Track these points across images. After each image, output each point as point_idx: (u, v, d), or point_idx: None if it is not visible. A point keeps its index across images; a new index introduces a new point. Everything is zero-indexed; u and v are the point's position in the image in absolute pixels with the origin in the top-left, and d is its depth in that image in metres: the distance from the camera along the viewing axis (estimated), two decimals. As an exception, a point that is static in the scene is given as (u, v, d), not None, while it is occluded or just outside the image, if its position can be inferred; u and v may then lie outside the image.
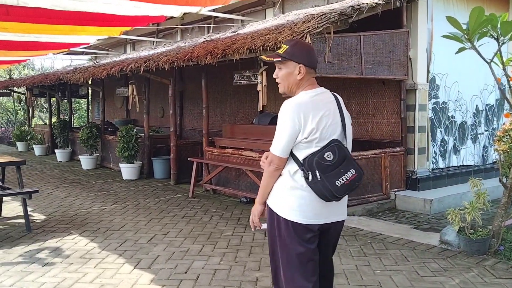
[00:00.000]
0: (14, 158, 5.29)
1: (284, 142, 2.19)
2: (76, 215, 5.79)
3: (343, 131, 2.28)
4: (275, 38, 4.83)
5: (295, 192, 2.21)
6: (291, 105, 2.19)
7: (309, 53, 2.30)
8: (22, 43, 9.00)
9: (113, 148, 9.89)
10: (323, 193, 2.15)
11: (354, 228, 5.20)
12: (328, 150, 2.16)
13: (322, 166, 2.14)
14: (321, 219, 2.24)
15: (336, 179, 2.15)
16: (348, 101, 7.52)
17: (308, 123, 2.15)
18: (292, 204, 2.21)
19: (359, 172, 2.25)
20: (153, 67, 6.99)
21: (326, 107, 2.23)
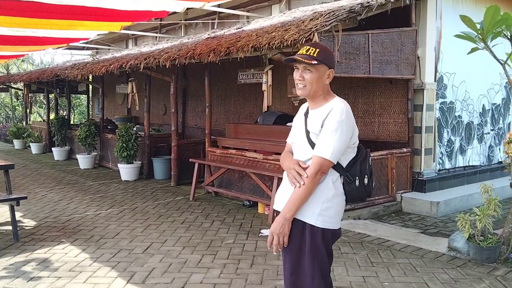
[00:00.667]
0: (2, 162, 5.06)
1: (340, 146, 2.11)
2: (69, 221, 5.56)
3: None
4: (281, 36, 4.60)
5: (336, 200, 2.18)
6: (347, 109, 2.18)
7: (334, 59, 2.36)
8: (19, 38, 8.76)
9: (112, 147, 9.67)
10: (362, 196, 2.20)
11: (360, 234, 5.00)
12: (368, 154, 2.26)
13: (370, 171, 2.24)
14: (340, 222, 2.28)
15: (373, 181, 2.29)
16: (354, 100, 7.30)
17: (356, 128, 2.21)
18: (332, 212, 2.16)
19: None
20: (153, 64, 6.76)
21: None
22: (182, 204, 6.45)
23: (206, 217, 5.70)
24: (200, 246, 4.58)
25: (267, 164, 6.08)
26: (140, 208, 6.23)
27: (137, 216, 5.78)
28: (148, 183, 8.20)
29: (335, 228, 2.19)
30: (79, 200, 6.75)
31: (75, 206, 6.39)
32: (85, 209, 6.21)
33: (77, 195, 7.12)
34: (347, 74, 5.81)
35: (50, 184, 8.12)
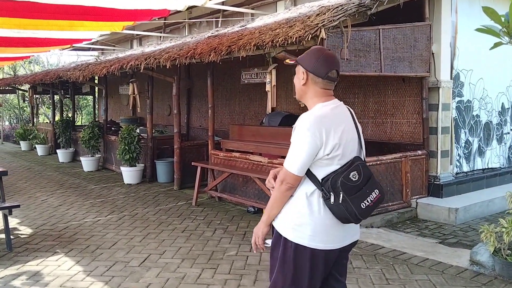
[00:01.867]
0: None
1: (303, 158, 1.99)
2: (66, 229, 5.31)
3: (360, 147, 2.14)
4: (285, 33, 4.28)
5: (312, 217, 2.02)
6: (312, 118, 2.02)
7: (317, 60, 2.09)
8: (20, 39, 8.59)
9: (115, 149, 9.43)
10: (346, 216, 1.98)
11: (373, 245, 4.65)
12: (353, 170, 1.99)
13: (347, 187, 1.97)
14: (337, 243, 2.08)
15: (361, 201, 1.99)
16: (365, 99, 6.95)
17: (330, 138, 1.99)
18: (308, 229, 2.02)
19: (382, 192, 2.10)
20: (154, 65, 6.48)
21: (345, 121, 2.09)
22: (184, 210, 6.17)
23: (208, 225, 5.40)
24: (201, 258, 4.29)
25: (272, 168, 5.75)
26: (141, 215, 5.96)
27: (137, 224, 5.51)
28: (150, 186, 7.94)
29: (318, 248, 2.02)
30: (79, 206, 6.51)
31: (74, 212, 6.15)
32: (84, 215, 5.97)
33: (77, 200, 6.89)
34: (357, 73, 5.46)
35: (52, 187, 7.91)
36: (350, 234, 2.13)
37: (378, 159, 5.69)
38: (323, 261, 2.05)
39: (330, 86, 2.13)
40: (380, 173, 5.72)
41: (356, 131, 2.13)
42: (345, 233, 2.09)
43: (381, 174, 5.74)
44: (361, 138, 2.16)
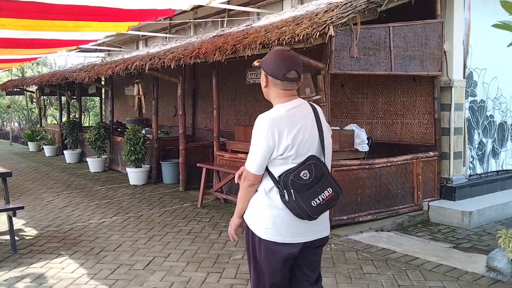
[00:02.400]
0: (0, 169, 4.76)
1: (259, 158, 2.09)
2: (71, 230, 5.23)
3: (321, 145, 2.15)
4: (292, 31, 4.15)
5: (271, 211, 2.12)
6: (265, 120, 2.09)
7: (275, 63, 2.13)
8: (26, 41, 8.57)
9: (121, 150, 9.36)
10: (298, 213, 2.06)
11: (384, 249, 4.50)
12: (304, 169, 2.05)
13: (297, 186, 2.04)
14: (299, 238, 2.13)
15: (312, 199, 2.05)
16: (374, 100, 6.79)
17: (283, 139, 2.05)
18: (268, 223, 2.12)
19: (337, 190, 2.11)
20: (159, 65, 6.39)
21: (303, 121, 2.11)
22: (189, 212, 6.06)
23: (214, 227, 5.28)
24: (206, 262, 4.17)
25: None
26: (146, 216, 5.86)
27: (142, 226, 5.41)
28: (156, 187, 7.85)
29: (270, 239, 2.12)
30: (84, 207, 6.44)
31: (80, 213, 6.07)
32: (89, 216, 5.89)
33: (83, 201, 6.82)
34: (366, 72, 5.32)
35: (58, 188, 7.86)
36: (316, 230, 2.17)
37: (388, 161, 5.53)
38: (282, 254, 2.11)
39: (291, 87, 2.16)
40: (391, 175, 5.57)
41: (318, 130, 2.14)
42: (308, 228, 2.13)
43: (392, 176, 5.58)
44: (324, 137, 2.16)
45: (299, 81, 2.17)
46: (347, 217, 5.18)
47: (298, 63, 2.16)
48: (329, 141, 2.21)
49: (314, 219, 2.09)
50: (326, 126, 2.21)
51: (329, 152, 2.19)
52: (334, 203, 2.12)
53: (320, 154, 2.12)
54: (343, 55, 5.03)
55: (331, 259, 4.21)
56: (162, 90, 9.20)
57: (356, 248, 4.50)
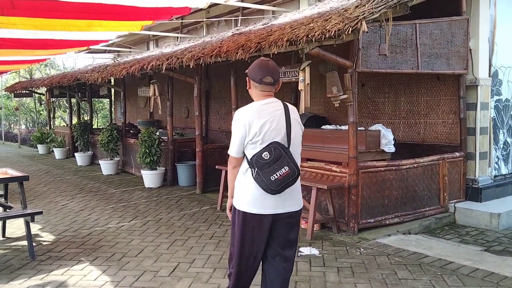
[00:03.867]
0: (17, 173, 4.62)
1: (236, 144, 2.60)
2: (89, 235, 5.09)
3: (287, 135, 2.57)
4: (322, 27, 4.00)
5: (247, 188, 2.58)
6: (240, 113, 2.60)
7: (254, 69, 2.63)
8: (37, 41, 8.47)
9: (134, 152, 9.25)
10: (264, 186, 2.50)
11: (416, 253, 4.33)
12: (265, 151, 2.51)
13: (259, 164, 2.51)
14: (269, 210, 2.56)
15: (271, 174, 2.48)
16: (396, 99, 6.62)
17: (252, 127, 2.53)
18: (245, 198, 2.58)
19: (293, 169, 2.50)
20: (176, 65, 6.25)
21: (271, 115, 2.57)
22: (209, 215, 5.91)
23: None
24: (232, 267, 4.02)
25: (301, 172, 5.46)
26: (165, 220, 5.72)
27: (162, 230, 5.27)
28: (172, 190, 7.71)
29: (246, 211, 2.56)
30: (100, 210, 6.31)
31: (97, 217, 5.94)
32: (107, 220, 5.75)
33: (98, 205, 6.69)
34: (393, 70, 5.16)
35: (71, 192, 7.73)
36: (285, 205, 2.58)
37: (415, 162, 5.37)
38: (258, 224, 2.56)
39: (268, 89, 2.62)
40: (417, 176, 5.40)
41: (286, 123, 2.57)
42: (278, 203, 2.56)
43: (418, 177, 5.41)
44: (291, 129, 2.58)
45: (276, 85, 2.64)
46: (374, 220, 5.02)
47: (274, 71, 2.61)
48: (296, 133, 2.63)
49: (278, 193, 2.51)
50: (296, 121, 2.65)
51: (295, 141, 2.61)
52: (291, 179, 2.50)
53: (284, 142, 2.56)
54: (370, 52, 4.88)
55: (362, 264, 4.05)
56: (174, 91, 9.04)
57: (387, 252, 4.34)
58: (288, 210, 2.59)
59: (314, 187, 4.79)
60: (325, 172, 5.11)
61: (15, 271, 4.02)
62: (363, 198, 4.89)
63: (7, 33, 7.48)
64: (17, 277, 3.86)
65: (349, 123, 4.78)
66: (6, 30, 7.26)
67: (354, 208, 4.81)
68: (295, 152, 2.59)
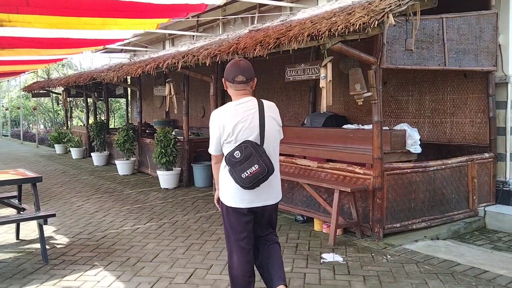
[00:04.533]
0: (29, 174, 4.51)
1: (213, 143, 2.79)
2: (103, 238, 4.97)
3: (261, 133, 2.69)
4: (345, 20, 3.78)
5: (227, 184, 2.77)
6: (215, 114, 2.76)
7: (227, 69, 2.77)
8: (53, 40, 8.41)
9: (150, 152, 9.14)
10: (237, 183, 2.66)
11: (447, 261, 4.07)
12: (237, 150, 2.64)
13: (232, 162, 2.65)
14: (246, 204, 2.75)
15: (241, 172, 2.62)
16: (420, 97, 6.34)
17: (226, 128, 2.67)
18: (227, 193, 2.78)
19: (262, 166, 2.61)
20: (192, 63, 6.10)
21: (244, 114, 2.68)
22: (226, 218, 5.73)
23: (255, 236, 4.94)
24: (251, 274, 3.83)
25: (322, 173, 5.25)
26: (181, 222, 5.57)
27: (178, 233, 5.12)
28: (188, 191, 7.56)
29: (231, 206, 2.77)
30: (116, 212, 6.20)
31: (112, 219, 5.83)
32: (122, 222, 5.63)
33: (114, 206, 6.58)
34: (419, 66, 4.90)
35: (87, 192, 7.66)
36: (261, 198, 2.77)
37: (443, 163, 5.09)
38: (238, 215, 2.77)
39: (241, 87, 2.74)
40: (445, 178, 5.13)
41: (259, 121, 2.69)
42: (253, 197, 2.74)
43: (446, 179, 5.14)
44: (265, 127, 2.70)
45: (251, 83, 2.77)
46: (400, 225, 4.77)
47: (245, 70, 2.73)
48: (270, 129, 2.74)
49: (251, 189, 2.68)
50: (271, 118, 2.77)
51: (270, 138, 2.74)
52: (261, 176, 2.63)
53: (258, 140, 2.67)
54: (395, 48, 4.64)
55: (390, 272, 3.82)
56: (190, 90, 8.91)
57: (415, 260, 4.09)
58: (264, 204, 2.79)
59: (336, 190, 4.57)
60: (348, 174, 4.88)
61: (27, 275, 3.91)
62: (388, 202, 4.65)
63: (23, 32, 7.44)
64: (29, 282, 3.75)
65: (374, 123, 4.54)
66: (22, 29, 7.22)
67: (379, 212, 4.57)
68: (270, 149, 2.73)
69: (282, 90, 8.54)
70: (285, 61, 8.27)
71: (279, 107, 8.92)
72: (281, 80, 8.65)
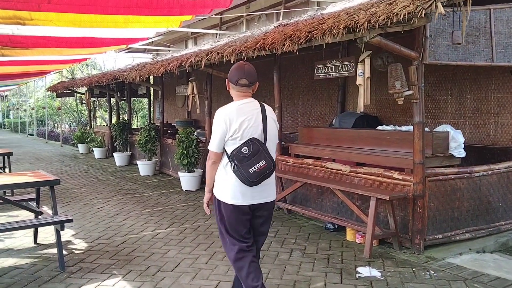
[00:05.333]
0: (48, 176, 4.29)
1: (217, 140, 2.82)
2: (123, 244, 4.73)
3: (264, 132, 2.82)
4: (387, 11, 3.41)
5: (228, 181, 2.82)
6: (221, 112, 2.83)
7: (231, 71, 2.89)
8: (76, 40, 8.28)
9: (172, 153, 8.93)
10: (242, 179, 2.75)
11: (499, 279, 3.65)
12: (244, 146, 2.75)
13: (239, 158, 2.75)
14: (248, 201, 2.82)
15: (249, 167, 2.73)
16: (460, 97, 5.87)
17: (232, 125, 2.77)
18: (227, 191, 2.83)
19: (269, 162, 2.76)
20: (216, 60, 5.81)
21: (249, 113, 2.80)
22: (251, 224, 5.42)
23: (282, 244, 4.60)
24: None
25: (355, 179, 4.87)
26: (203, 228, 5.29)
27: (200, 239, 4.83)
28: (210, 194, 7.28)
29: (229, 203, 2.80)
30: (136, 215, 5.97)
31: (132, 222, 5.60)
32: (143, 227, 5.39)
33: (135, 208, 6.36)
34: (465, 62, 4.47)
35: (108, 194, 7.48)
36: (261, 196, 2.84)
37: (489, 168, 4.64)
38: (238, 213, 2.80)
39: (244, 90, 2.84)
40: (492, 185, 4.67)
41: (262, 121, 2.80)
42: (254, 194, 2.80)
43: (493, 186, 4.69)
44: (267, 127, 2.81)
45: (253, 87, 2.86)
46: (442, 236, 4.35)
47: (249, 73, 2.82)
48: (271, 130, 2.85)
49: (256, 184, 2.75)
50: (272, 119, 2.88)
51: (272, 137, 2.85)
52: (267, 172, 2.74)
53: (262, 139, 2.78)
54: (438, 42, 4.23)
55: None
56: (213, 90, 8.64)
57: (463, 276, 3.68)
58: (264, 201, 2.87)
59: (373, 198, 4.18)
60: (385, 180, 4.48)
61: (43, 284, 3.69)
62: (430, 210, 4.24)
63: (46, 31, 7.33)
64: (43, 293, 3.52)
65: (415, 124, 4.14)
66: (46, 28, 7.09)
67: (420, 222, 4.17)
68: (271, 148, 2.84)
69: (308, 89, 8.17)
70: (311, 58, 7.91)
71: (304, 107, 8.58)
72: (307, 79, 8.29)
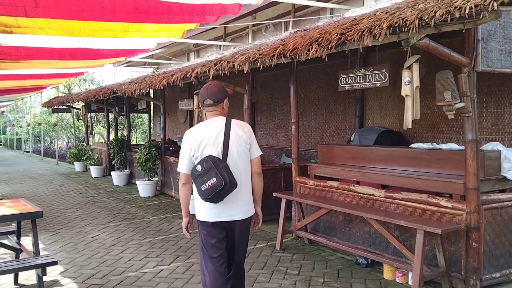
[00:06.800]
0: (29, 206, 3.62)
1: (184, 161, 2.94)
2: (119, 285, 4.02)
3: (224, 149, 2.85)
4: (446, 5, 2.78)
5: (198, 199, 2.90)
6: (186, 133, 3.00)
7: (200, 92, 3.06)
8: (70, 51, 7.67)
9: (174, 172, 8.26)
10: (201, 196, 2.81)
11: None
12: (198, 164, 2.82)
13: (194, 176, 2.83)
14: (214, 218, 2.86)
15: (201, 185, 2.77)
16: (497, 110, 5.23)
17: (194, 145, 2.89)
18: (196, 207, 2.95)
19: (220, 179, 2.73)
20: (226, 70, 5.18)
21: (210, 132, 2.90)
22: (267, 257, 4.72)
23: (309, 285, 3.90)
24: None
25: (391, 205, 4.19)
26: (212, 262, 4.58)
27: (209, 277, 4.13)
28: (218, 219, 6.59)
29: (203, 220, 2.90)
30: (135, 246, 5.27)
31: (130, 255, 4.90)
32: (142, 262, 4.68)
33: (133, 237, 5.66)
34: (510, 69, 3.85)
35: (104, 219, 6.78)
36: (227, 214, 2.87)
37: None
38: (209, 229, 2.89)
39: (211, 109, 2.98)
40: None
41: (224, 139, 2.87)
42: (220, 212, 2.86)
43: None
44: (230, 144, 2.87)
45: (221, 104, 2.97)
46: (500, 274, 3.67)
47: (212, 93, 2.96)
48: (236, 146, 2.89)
49: (211, 202, 2.79)
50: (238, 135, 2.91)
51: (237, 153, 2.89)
52: (219, 189, 2.72)
53: (220, 155, 2.84)
54: (491, 46, 3.62)
55: None
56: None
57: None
58: (230, 219, 2.86)
59: (420, 231, 3.50)
60: (429, 208, 3.81)
61: None
62: (485, 244, 3.57)
63: (37, 41, 6.72)
64: None
65: (467, 142, 3.50)
66: (36, 37, 6.50)
67: (476, 259, 3.49)
68: (238, 164, 2.86)
69: (321, 103, 7.56)
70: (324, 69, 7.33)
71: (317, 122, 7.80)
72: (320, 92, 7.70)
